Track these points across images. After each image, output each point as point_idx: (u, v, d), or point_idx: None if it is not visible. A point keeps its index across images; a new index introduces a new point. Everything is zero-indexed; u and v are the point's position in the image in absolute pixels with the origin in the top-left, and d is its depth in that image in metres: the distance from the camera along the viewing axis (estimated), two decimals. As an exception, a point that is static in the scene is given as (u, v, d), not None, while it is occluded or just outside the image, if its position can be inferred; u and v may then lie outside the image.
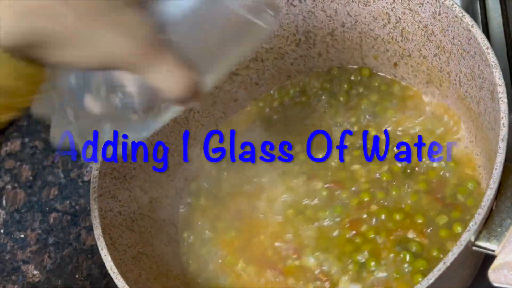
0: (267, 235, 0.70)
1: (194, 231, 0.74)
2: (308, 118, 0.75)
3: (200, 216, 0.74)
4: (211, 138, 0.78)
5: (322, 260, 0.66)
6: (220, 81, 0.53)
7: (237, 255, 0.71)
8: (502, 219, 0.55)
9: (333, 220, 0.68)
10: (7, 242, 0.82)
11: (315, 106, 0.75)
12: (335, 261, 0.66)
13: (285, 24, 0.74)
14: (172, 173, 0.75)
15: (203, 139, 0.78)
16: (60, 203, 0.84)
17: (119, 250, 0.65)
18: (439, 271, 0.52)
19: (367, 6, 0.70)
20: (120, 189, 0.69)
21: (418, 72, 0.72)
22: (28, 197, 0.85)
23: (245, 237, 0.71)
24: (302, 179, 0.71)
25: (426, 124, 0.71)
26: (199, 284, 0.71)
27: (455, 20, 0.63)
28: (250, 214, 0.72)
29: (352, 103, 0.75)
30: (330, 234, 0.67)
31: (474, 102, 0.65)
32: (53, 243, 0.81)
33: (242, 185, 0.74)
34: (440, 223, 0.64)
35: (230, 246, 0.71)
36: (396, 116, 0.72)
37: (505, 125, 0.55)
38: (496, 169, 0.54)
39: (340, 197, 0.69)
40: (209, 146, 0.78)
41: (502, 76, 0.57)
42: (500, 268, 0.52)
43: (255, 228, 0.71)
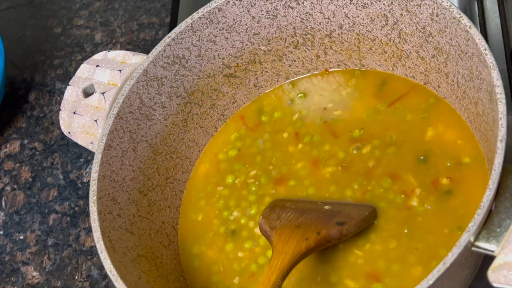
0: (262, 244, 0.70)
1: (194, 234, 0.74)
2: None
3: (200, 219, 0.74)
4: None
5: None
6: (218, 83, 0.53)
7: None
8: (501, 220, 0.55)
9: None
10: (7, 244, 0.82)
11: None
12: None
13: (283, 26, 0.74)
14: (171, 175, 0.75)
15: (202, 141, 0.78)
16: (59, 205, 0.84)
17: (119, 252, 0.65)
18: (438, 271, 0.52)
19: (365, 8, 0.70)
20: (119, 191, 0.69)
21: (416, 74, 0.72)
22: (28, 198, 0.85)
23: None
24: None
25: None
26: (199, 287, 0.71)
27: (453, 21, 0.63)
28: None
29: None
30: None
31: (472, 103, 0.65)
32: (52, 245, 0.81)
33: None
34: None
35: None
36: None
37: (504, 126, 0.55)
38: (495, 170, 0.54)
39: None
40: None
41: (500, 77, 0.57)
42: (499, 269, 0.52)
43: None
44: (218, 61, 0.76)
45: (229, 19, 0.73)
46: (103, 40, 0.97)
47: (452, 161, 0.67)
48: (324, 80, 0.78)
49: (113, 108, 0.70)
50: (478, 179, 0.65)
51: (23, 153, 0.90)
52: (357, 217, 0.65)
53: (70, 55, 0.97)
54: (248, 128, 0.78)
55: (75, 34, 0.99)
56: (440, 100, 0.71)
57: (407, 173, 0.68)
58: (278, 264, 0.60)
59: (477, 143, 0.67)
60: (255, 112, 0.79)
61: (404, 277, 0.63)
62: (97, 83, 0.74)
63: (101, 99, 0.73)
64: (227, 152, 0.77)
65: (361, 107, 0.74)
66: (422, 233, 0.65)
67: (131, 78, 0.71)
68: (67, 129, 0.75)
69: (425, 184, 0.67)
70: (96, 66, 0.75)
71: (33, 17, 1.02)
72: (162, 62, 0.72)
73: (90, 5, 1.01)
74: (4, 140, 0.91)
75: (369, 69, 0.76)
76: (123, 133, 0.70)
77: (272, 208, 0.69)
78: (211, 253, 0.72)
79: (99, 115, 0.72)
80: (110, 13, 0.99)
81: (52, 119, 0.91)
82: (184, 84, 0.75)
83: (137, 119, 0.72)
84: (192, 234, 0.74)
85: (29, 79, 0.96)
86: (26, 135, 0.91)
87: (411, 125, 0.71)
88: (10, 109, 0.93)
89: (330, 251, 0.67)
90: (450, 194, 0.65)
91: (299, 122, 0.76)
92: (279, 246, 0.62)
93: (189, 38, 0.72)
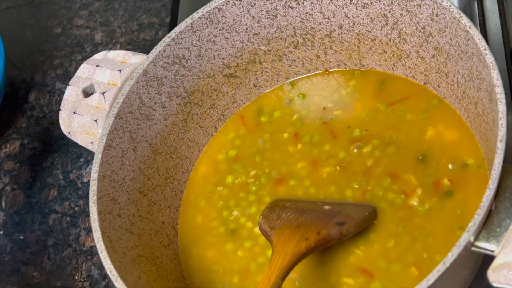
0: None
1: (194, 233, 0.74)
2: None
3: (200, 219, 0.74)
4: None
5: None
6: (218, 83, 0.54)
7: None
8: (501, 220, 0.55)
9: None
10: (7, 244, 0.82)
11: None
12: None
13: (283, 26, 0.74)
14: (171, 175, 0.75)
15: (202, 141, 0.78)
16: (59, 205, 0.84)
17: (119, 252, 0.65)
18: (438, 271, 0.52)
19: (365, 8, 0.70)
20: (119, 191, 0.69)
21: (416, 74, 0.72)
22: (28, 198, 0.85)
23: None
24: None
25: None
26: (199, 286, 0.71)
27: (452, 21, 0.63)
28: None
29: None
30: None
31: (472, 103, 0.65)
32: (52, 245, 0.81)
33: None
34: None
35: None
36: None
37: (503, 126, 0.55)
38: (495, 170, 0.54)
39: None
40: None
41: (500, 77, 0.57)
42: (499, 269, 0.52)
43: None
44: (218, 61, 0.76)
45: (229, 19, 0.73)
46: (103, 40, 0.97)
47: (452, 161, 0.67)
48: (324, 80, 0.78)
49: (113, 108, 0.70)
50: (478, 179, 0.65)
51: (23, 153, 0.90)
52: (357, 217, 0.65)
53: (70, 55, 0.97)
54: (248, 128, 0.78)
55: (75, 34, 0.99)
56: (440, 100, 0.71)
57: (407, 173, 0.68)
58: (278, 264, 0.60)
59: (477, 143, 0.67)
60: (255, 112, 0.79)
61: (404, 277, 0.63)
62: (97, 83, 0.74)
63: (101, 99, 0.73)
64: (227, 152, 0.77)
65: (361, 107, 0.74)
66: (422, 233, 0.65)
67: (131, 78, 0.71)
68: (67, 129, 0.75)
69: (425, 184, 0.67)
70: (96, 66, 0.75)
71: (33, 17, 1.02)
72: (162, 62, 0.72)
73: (90, 5, 1.01)
74: (4, 140, 0.91)
75: (369, 69, 0.76)
76: (123, 133, 0.70)
77: (272, 208, 0.69)
78: (211, 253, 0.72)
79: (99, 115, 0.72)
80: (110, 13, 0.99)
81: (52, 119, 0.91)
82: (184, 84, 0.75)
83: (137, 119, 0.72)
84: (192, 234, 0.74)
85: (29, 79, 0.96)
86: (26, 135, 0.91)
87: (411, 125, 0.71)
88: (10, 109, 0.93)
89: (330, 251, 0.67)
90: (450, 194, 0.65)
91: (299, 122, 0.76)
92: (279, 246, 0.62)
93: (189, 38, 0.73)
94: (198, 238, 0.73)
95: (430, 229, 0.64)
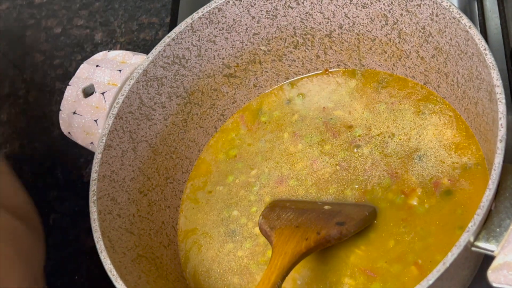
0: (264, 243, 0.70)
1: (194, 233, 0.74)
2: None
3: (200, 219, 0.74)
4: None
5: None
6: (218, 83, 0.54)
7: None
8: (501, 220, 0.55)
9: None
10: (7, 244, 0.83)
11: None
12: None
13: (283, 26, 0.74)
14: (171, 175, 0.75)
15: (202, 141, 0.78)
16: (59, 205, 0.84)
17: (119, 252, 0.65)
18: (438, 271, 0.52)
19: (365, 8, 0.70)
20: (119, 191, 0.69)
21: (416, 74, 0.72)
22: (28, 198, 0.85)
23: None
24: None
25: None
26: (199, 286, 0.71)
27: (452, 21, 0.63)
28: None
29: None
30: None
31: (472, 103, 0.65)
32: (52, 245, 0.81)
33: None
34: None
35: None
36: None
37: (503, 126, 0.55)
38: (495, 170, 0.54)
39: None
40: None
41: (500, 77, 0.57)
42: (499, 269, 0.52)
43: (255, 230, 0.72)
44: (218, 61, 0.76)
45: (229, 19, 0.73)
46: (103, 40, 0.97)
47: (452, 161, 0.67)
48: (324, 80, 0.78)
49: (113, 108, 0.70)
50: (478, 179, 0.65)
51: (23, 153, 0.89)
52: (357, 217, 0.65)
53: (70, 55, 0.97)
54: (248, 128, 0.78)
55: (75, 34, 0.99)
56: (440, 100, 0.71)
57: (407, 173, 0.68)
58: (278, 264, 0.60)
59: (477, 143, 0.67)
60: (255, 112, 0.79)
61: (404, 277, 0.63)
62: (97, 83, 0.74)
63: (101, 99, 0.73)
64: (227, 152, 0.77)
65: (361, 107, 0.74)
66: (421, 233, 0.65)
67: (131, 78, 0.71)
68: (67, 129, 0.75)
69: (425, 184, 0.67)
70: (96, 66, 0.75)
71: (33, 17, 1.02)
72: (162, 62, 0.72)
73: (90, 5, 1.01)
74: (4, 140, 0.91)
75: (369, 69, 0.76)
76: (123, 133, 0.70)
77: (272, 208, 0.69)
78: (211, 252, 0.72)
79: (99, 115, 0.72)
80: (110, 13, 0.99)
81: (52, 119, 0.91)
82: (184, 84, 0.75)
83: (137, 119, 0.72)
84: (192, 234, 0.74)
85: (29, 79, 0.96)
86: (26, 135, 0.91)
87: (411, 125, 0.71)
88: (10, 109, 0.93)
89: (330, 251, 0.67)
90: (450, 193, 0.65)
91: (299, 122, 0.76)
92: (279, 246, 0.62)
93: (189, 38, 0.73)
94: (198, 238, 0.73)
95: (430, 229, 0.64)
